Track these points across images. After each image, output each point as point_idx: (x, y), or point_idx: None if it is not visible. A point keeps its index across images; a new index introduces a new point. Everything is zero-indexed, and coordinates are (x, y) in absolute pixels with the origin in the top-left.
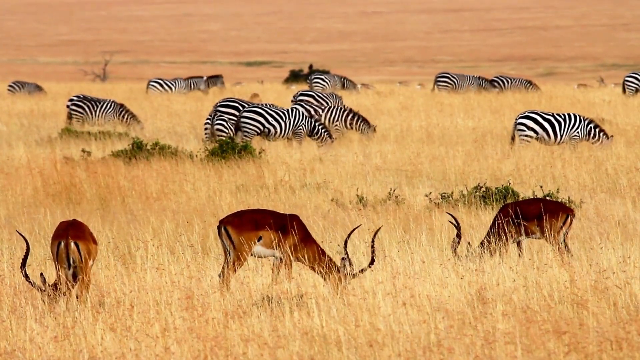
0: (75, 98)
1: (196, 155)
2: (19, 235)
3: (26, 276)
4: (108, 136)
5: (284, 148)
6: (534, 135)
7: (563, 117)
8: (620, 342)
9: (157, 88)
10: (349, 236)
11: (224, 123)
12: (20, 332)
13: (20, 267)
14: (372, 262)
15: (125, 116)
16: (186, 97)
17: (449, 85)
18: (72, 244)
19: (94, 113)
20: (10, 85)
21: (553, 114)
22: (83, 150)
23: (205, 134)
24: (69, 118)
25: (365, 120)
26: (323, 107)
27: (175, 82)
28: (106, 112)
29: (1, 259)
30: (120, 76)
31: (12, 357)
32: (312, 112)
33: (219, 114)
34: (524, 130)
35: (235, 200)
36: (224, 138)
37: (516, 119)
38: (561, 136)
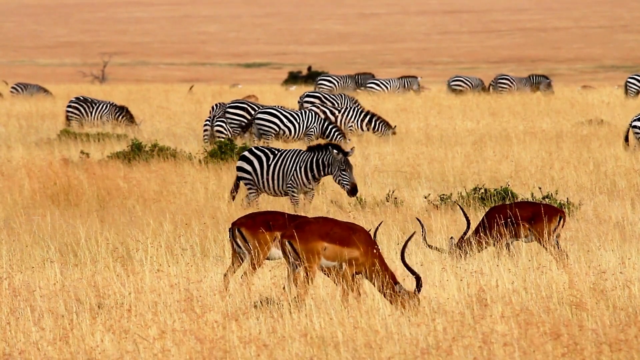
0: (73, 99)
1: (195, 157)
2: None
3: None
4: (107, 138)
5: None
6: None
7: None
8: (618, 344)
9: (374, 88)
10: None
11: (223, 124)
12: (18, 333)
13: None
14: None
15: (121, 117)
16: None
17: (509, 87)
18: (287, 243)
19: (90, 114)
20: (13, 87)
21: None
22: (82, 152)
23: (205, 135)
24: (67, 120)
25: (384, 122)
26: (339, 109)
27: (389, 82)
28: (102, 114)
29: None
30: (119, 77)
31: (10, 358)
32: (328, 114)
33: (227, 115)
34: (639, 133)
35: (233, 201)
36: (223, 139)
37: (631, 121)
38: None
